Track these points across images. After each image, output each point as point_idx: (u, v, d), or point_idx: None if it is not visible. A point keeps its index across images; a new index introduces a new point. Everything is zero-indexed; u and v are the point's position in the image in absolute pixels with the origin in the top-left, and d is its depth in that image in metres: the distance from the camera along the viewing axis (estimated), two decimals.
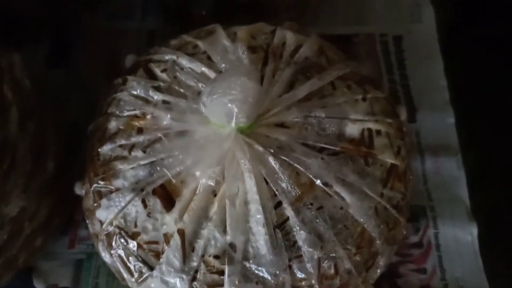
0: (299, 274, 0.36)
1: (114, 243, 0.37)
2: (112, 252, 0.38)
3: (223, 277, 0.35)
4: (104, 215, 0.38)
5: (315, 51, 0.41)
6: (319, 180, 0.36)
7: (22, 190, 0.41)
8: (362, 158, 0.38)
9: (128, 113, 0.39)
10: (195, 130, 0.37)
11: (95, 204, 0.38)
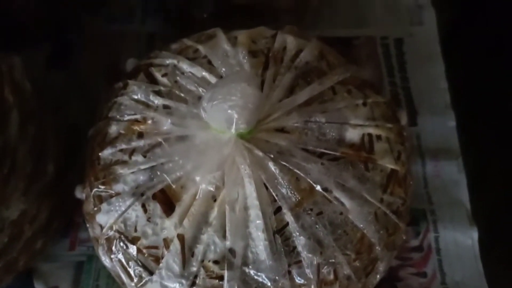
0: (298, 279, 0.35)
1: (114, 247, 0.37)
2: (112, 256, 0.38)
3: (222, 282, 0.35)
4: (104, 219, 0.38)
5: (315, 56, 0.41)
6: (319, 186, 0.36)
7: (22, 193, 0.41)
8: (362, 163, 0.38)
9: (128, 117, 0.39)
10: (195, 135, 0.37)
11: (96, 209, 0.38)
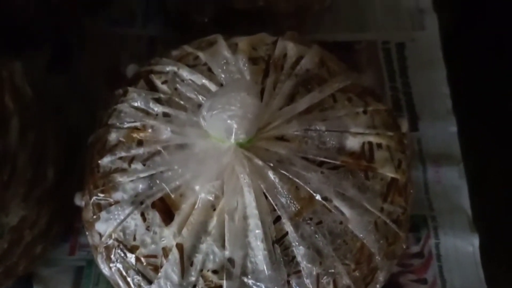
0: None
1: (113, 256, 0.37)
2: (111, 265, 0.37)
3: None
4: (103, 227, 0.38)
5: (316, 63, 0.41)
6: (318, 195, 0.36)
7: (22, 199, 0.41)
8: (362, 172, 0.37)
9: (128, 125, 0.39)
10: (195, 144, 0.37)
11: (95, 217, 0.38)
